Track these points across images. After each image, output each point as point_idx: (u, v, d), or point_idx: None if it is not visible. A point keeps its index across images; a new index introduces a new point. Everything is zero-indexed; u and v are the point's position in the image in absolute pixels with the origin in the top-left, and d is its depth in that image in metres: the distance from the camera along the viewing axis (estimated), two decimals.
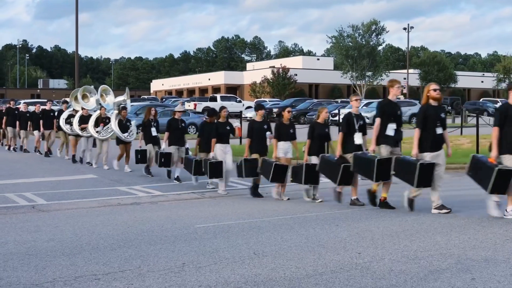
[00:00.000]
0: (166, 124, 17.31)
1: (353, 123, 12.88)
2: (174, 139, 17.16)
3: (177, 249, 8.74)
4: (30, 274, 7.46)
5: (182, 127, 17.41)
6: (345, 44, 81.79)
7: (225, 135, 15.48)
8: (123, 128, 19.85)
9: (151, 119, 18.55)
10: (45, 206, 13.09)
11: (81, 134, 21.52)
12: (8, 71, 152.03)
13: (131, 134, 19.94)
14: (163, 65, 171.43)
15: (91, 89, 22.60)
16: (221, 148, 15.28)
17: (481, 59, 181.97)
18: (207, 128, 16.06)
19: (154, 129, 18.48)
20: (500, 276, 7.16)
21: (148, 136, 18.37)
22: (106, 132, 20.46)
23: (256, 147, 14.65)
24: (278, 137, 14.26)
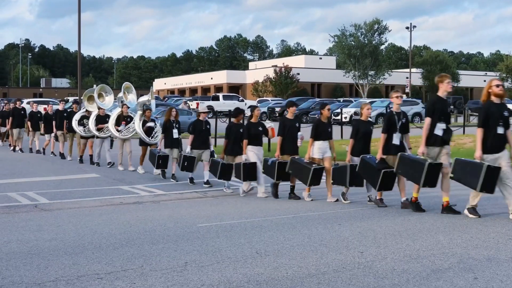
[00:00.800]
0: (190, 126, 16.46)
1: (395, 123, 12.15)
2: (198, 142, 16.20)
3: (180, 248, 8.75)
4: (33, 273, 7.47)
5: (206, 129, 16.42)
6: (348, 43, 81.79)
7: (257, 136, 14.73)
8: (147, 131, 19.04)
9: (172, 120, 17.48)
10: (47, 205, 13.10)
11: (98, 135, 20.56)
12: (10, 70, 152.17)
13: (155, 136, 18.90)
14: (166, 64, 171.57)
15: (107, 88, 21.50)
16: (253, 151, 14.58)
17: (483, 58, 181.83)
18: (235, 129, 15.22)
19: (176, 131, 17.47)
20: (502, 276, 7.16)
21: (169, 138, 17.36)
22: (128, 131, 19.61)
23: (288, 147, 13.94)
24: (316, 136, 13.46)
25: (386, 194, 12.72)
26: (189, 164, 16.03)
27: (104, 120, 20.50)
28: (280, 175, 13.85)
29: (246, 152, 14.52)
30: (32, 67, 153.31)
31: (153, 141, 18.69)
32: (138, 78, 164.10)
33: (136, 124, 19.00)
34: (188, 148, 16.15)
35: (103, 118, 20.61)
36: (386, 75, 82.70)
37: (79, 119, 21.49)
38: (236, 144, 15.04)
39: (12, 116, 26.49)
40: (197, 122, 16.41)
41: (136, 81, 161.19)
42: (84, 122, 21.24)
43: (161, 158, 17.10)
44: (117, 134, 19.63)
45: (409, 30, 79.58)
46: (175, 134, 17.39)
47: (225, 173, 15.05)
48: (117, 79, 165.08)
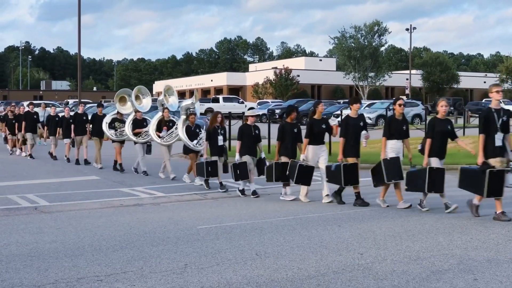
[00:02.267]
0: (238, 132, 15.12)
1: (494, 120, 10.91)
2: (247, 148, 14.84)
3: (179, 250, 8.75)
4: (33, 276, 7.47)
5: (256, 135, 15.02)
6: (348, 45, 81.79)
7: (320, 134, 13.69)
8: (192, 135, 17.30)
9: (217, 126, 15.92)
10: (47, 207, 13.09)
11: (135, 140, 18.92)
12: (10, 73, 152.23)
13: (200, 142, 17.22)
14: (166, 66, 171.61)
15: (144, 89, 20.14)
16: (315, 150, 13.57)
17: (483, 59, 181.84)
18: (289, 128, 14.12)
19: (221, 137, 15.93)
20: (502, 277, 7.16)
21: (215, 146, 15.80)
22: (170, 137, 18.18)
23: (351, 148, 12.96)
24: (389, 135, 12.42)
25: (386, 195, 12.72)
26: (242, 171, 14.52)
27: (142, 124, 19.15)
28: (349, 179, 12.76)
29: (306, 151, 13.55)
30: (32, 69, 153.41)
31: (198, 147, 17.18)
32: (138, 81, 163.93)
33: (179, 130, 17.56)
34: (237, 155, 14.74)
35: (141, 122, 19.22)
36: (386, 77, 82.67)
37: (110, 122, 20.14)
38: (292, 145, 14.10)
39: (24, 120, 25.03)
40: (245, 126, 15.11)
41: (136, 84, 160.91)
42: (116, 125, 19.96)
43: (210, 165, 15.57)
44: (159, 140, 18.20)
45: (409, 32, 79.66)
46: (220, 141, 15.94)
47: (281, 175, 14.01)
48: (117, 81, 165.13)
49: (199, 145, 17.15)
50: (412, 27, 79.19)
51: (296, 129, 14.15)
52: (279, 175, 13.92)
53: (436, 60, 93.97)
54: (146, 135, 18.84)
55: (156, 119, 18.64)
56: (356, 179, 12.82)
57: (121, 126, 19.76)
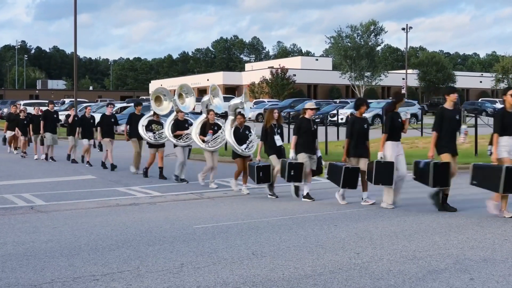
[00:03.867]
0: (295, 126, 13.96)
1: None
2: (304, 145, 13.51)
3: (176, 250, 8.75)
4: (29, 275, 7.46)
5: (315, 130, 13.75)
6: (344, 44, 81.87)
7: (399, 129, 12.40)
8: (240, 138, 15.43)
9: (274, 125, 14.59)
10: (43, 207, 13.07)
11: (175, 143, 17.20)
12: (6, 72, 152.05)
13: (250, 146, 15.47)
14: (162, 65, 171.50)
15: (188, 87, 18.19)
16: (393, 147, 12.26)
17: (479, 59, 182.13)
18: (359, 123, 12.97)
19: (279, 137, 14.53)
20: (498, 276, 7.17)
21: (272, 146, 14.45)
22: (216, 142, 16.39)
23: (449, 143, 11.72)
24: (502, 131, 11.05)
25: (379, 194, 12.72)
26: (296, 172, 13.29)
27: (183, 126, 17.38)
28: (438, 180, 11.50)
29: (384, 147, 12.27)
30: (28, 68, 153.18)
31: (247, 152, 15.43)
32: (134, 80, 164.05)
33: (226, 132, 15.78)
34: (291, 153, 13.52)
35: (182, 123, 17.42)
36: (382, 76, 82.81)
37: (147, 124, 18.38)
38: (361, 143, 12.95)
39: (43, 119, 23.53)
40: (303, 120, 13.69)
41: (132, 83, 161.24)
42: (153, 127, 18.24)
43: (262, 170, 14.17)
44: (203, 145, 16.44)
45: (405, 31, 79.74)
46: (278, 142, 14.49)
47: (350, 180, 12.74)
48: (113, 80, 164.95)
49: (248, 150, 15.41)
50: (408, 27, 79.22)
51: (366, 125, 13.06)
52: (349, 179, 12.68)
53: (432, 60, 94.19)
54: (188, 137, 17.19)
55: (199, 122, 16.94)
56: (445, 181, 11.53)
57: (159, 128, 18.19)
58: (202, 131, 16.49)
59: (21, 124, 25.33)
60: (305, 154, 13.42)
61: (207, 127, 16.46)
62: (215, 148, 16.42)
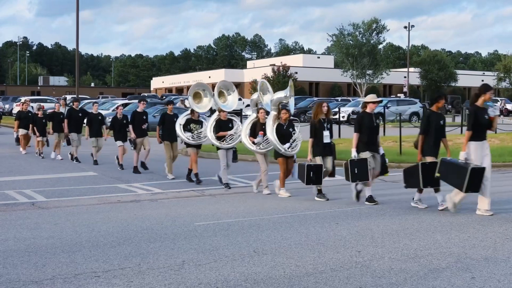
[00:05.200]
0: (356, 121, 12.95)
1: None
2: (367, 142, 12.63)
3: (177, 247, 8.74)
4: (30, 271, 7.46)
5: (377, 125, 12.88)
6: (346, 42, 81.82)
7: (486, 127, 11.35)
8: (283, 136, 14.26)
9: (322, 119, 13.51)
10: (44, 203, 13.07)
11: (218, 146, 15.68)
12: (8, 68, 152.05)
13: (294, 145, 14.35)
14: (164, 62, 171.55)
15: (229, 84, 16.92)
16: (477, 148, 11.22)
17: (481, 58, 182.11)
18: (435, 119, 11.96)
19: (328, 133, 13.43)
20: (500, 275, 7.17)
21: (319, 144, 13.42)
22: (268, 143, 14.75)
23: None
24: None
25: (382, 193, 12.72)
26: (361, 171, 12.36)
27: (227, 126, 15.90)
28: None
29: (467, 147, 11.26)
30: (30, 65, 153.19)
31: (291, 152, 14.29)
32: (136, 77, 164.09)
33: (268, 129, 14.48)
34: (353, 151, 12.59)
35: (226, 123, 15.96)
36: (384, 75, 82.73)
37: (185, 123, 16.84)
38: (438, 140, 12.00)
39: (68, 118, 22.00)
40: (365, 115, 12.77)
41: (134, 80, 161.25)
42: (192, 127, 16.71)
43: (313, 170, 13.13)
44: (253, 148, 15.02)
45: (407, 30, 79.67)
46: (326, 138, 13.40)
47: (429, 180, 11.72)
48: (115, 77, 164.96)
49: (291, 149, 14.26)
50: (410, 25, 79.23)
51: (442, 121, 12.12)
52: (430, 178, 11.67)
53: (434, 58, 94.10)
54: (231, 139, 15.76)
55: (249, 122, 15.50)
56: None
57: (197, 127, 16.72)
58: (252, 132, 15.06)
59: (39, 123, 23.55)
60: (369, 152, 12.50)
61: (257, 128, 15.01)
62: (267, 150, 14.90)
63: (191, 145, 16.62)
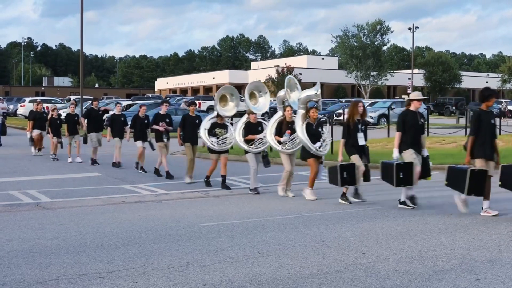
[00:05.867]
0: (398, 120, 12.14)
1: None
2: (410, 142, 11.89)
3: (181, 248, 8.75)
4: (34, 272, 7.47)
5: (422, 124, 12.24)
6: (350, 44, 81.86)
7: None
8: (314, 135, 13.77)
9: (357, 120, 12.95)
10: (49, 203, 13.09)
11: (247, 149, 14.95)
12: (12, 69, 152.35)
13: (324, 145, 13.87)
14: (168, 63, 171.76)
15: (261, 85, 16.05)
16: None
17: (486, 59, 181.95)
18: (485, 118, 11.24)
19: (362, 135, 12.85)
20: (504, 277, 7.16)
21: (354, 145, 12.86)
22: (294, 143, 14.22)
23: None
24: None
25: (386, 195, 12.71)
26: (406, 174, 11.70)
27: (256, 129, 15.00)
28: None
29: None
30: (34, 65, 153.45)
31: (322, 152, 13.84)
32: (140, 78, 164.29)
33: (298, 128, 13.87)
34: (395, 152, 11.89)
35: (255, 126, 15.07)
36: (388, 76, 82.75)
37: (210, 127, 15.85)
38: (489, 141, 11.21)
39: (87, 118, 21.30)
40: (408, 113, 12.06)
41: (138, 81, 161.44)
42: (217, 131, 15.70)
43: (346, 170, 12.62)
44: (279, 147, 14.37)
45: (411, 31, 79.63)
46: (360, 140, 12.81)
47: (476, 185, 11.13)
48: (119, 78, 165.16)
49: (322, 149, 13.77)
50: (414, 27, 79.17)
51: (493, 120, 11.45)
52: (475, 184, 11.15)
53: (438, 60, 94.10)
54: (260, 143, 14.90)
55: (274, 121, 14.80)
56: None
57: (223, 132, 15.76)
58: (278, 131, 14.40)
59: (53, 124, 22.76)
60: (412, 150, 11.78)
61: (284, 127, 14.35)
62: (293, 150, 14.30)
63: (215, 151, 15.71)
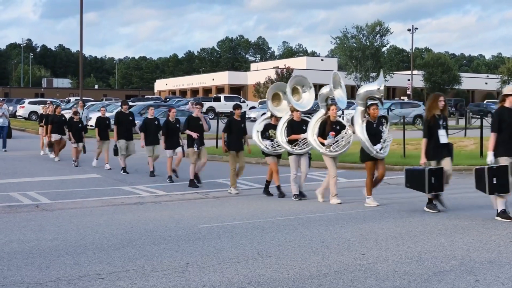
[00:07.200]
0: (493, 118, 10.97)
1: None
2: (506, 144, 10.81)
3: (181, 249, 8.75)
4: (34, 273, 7.48)
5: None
6: (349, 45, 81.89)
7: None
8: (374, 135, 12.59)
9: (437, 116, 11.75)
10: (49, 205, 13.09)
11: (290, 150, 13.84)
12: (12, 70, 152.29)
13: (385, 146, 12.71)
14: (167, 65, 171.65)
15: (305, 80, 14.70)
16: None
17: (485, 60, 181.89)
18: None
19: (444, 132, 11.67)
20: (504, 278, 7.16)
21: (437, 144, 11.66)
22: (339, 146, 13.15)
23: None
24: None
25: (386, 196, 12.70)
26: (503, 179, 10.67)
27: (300, 129, 13.89)
28: None
29: None
30: (34, 67, 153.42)
31: (382, 154, 12.66)
32: (139, 79, 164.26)
33: (357, 128, 12.70)
34: (490, 155, 10.89)
35: (299, 125, 13.98)
36: (387, 77, 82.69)
37: (263, 130, 14.61)
38: None
39: (117, 123, 19.33)
40: (503, 110, 10.97)
41: (137, 82, 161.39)
42: (270, 133, 14.43)
43: (434, 174, 11.46)
44: (323, 150, 13.26)
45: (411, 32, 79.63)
46: (442, 138, 11.63)
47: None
48: (118, 79, 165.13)
49: (383, 150, 12.68)
50: (414, 28, 79.17)
51: None
52: None
53: (437, 61, 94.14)
54: (305, 143, 13.80)
55: (316, 120, 13.63)
56: None
57: None
58: (321, 131, 13.29)
59: (75, 128, 21.28)
60: (508, 157, 10.69)
61: (327, 127, 13.23)
62: (338, 153, 13.21)
63: (270, 154, 14.48)
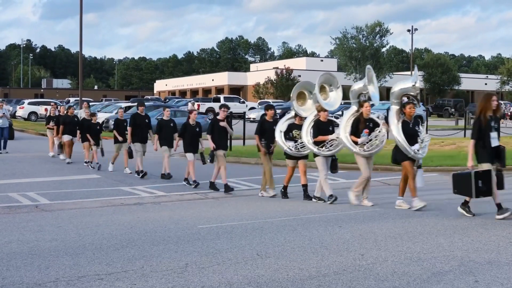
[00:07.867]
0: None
1: None
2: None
3: (180, 250, 8.75)
4: (33, 274, 7.47)
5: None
6: (349, 45, 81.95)
7: None
8: (410, 135, 12.09)
9: (490, 117, 10.99)
10: (48, 205, 13.09)
11: (316, 152, 13.30)
12: (12, 71, 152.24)
13: (423, 146, 12.17)
14: (167, 65, 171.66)
15: (334, 79, 14.08)
16: None
17: (485, 61, 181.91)
18: None
19: (495, 134, 10.95)
20: (503, 279, 7.16)
21: (487, 147, 10.92)
22: (372, 145, 12.71)
23: None
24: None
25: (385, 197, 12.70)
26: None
27: (327, 129, 13.32)
28: None
29: None
30: (33, 67, 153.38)
31: (420, 155, 12.13)
32: (139, 80, 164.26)
33: (393, 127, 12.16)
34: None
35: (326, 125, 13.38)
36: (387, 78, 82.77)
37: (286, 130, 14.06)
38: None
39: (132, 126, 18.60)
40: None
41: (137, 82, 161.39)
42: (294, 134, 13.86)
43: (482, 178, 10.84)
44: (356, 149, 12.72)
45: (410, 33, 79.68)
46: (493, 141, 10.90)
47: None
48: (118, 80, 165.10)
49: (421, 151, 12.14)
50: (413, 28, 79.22)
51: None
52: None
53: (437, 62, 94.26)
54: (332, 145, 13.26)
55: (348, 118, 13.11)
56: None
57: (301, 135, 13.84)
58: (355, 130, 12.79)
59: (93, 131, 20.69)
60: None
61: (361, 125, 12.74)
62: (371, 152, 12.74)
63: (293, 156, 13.93)
